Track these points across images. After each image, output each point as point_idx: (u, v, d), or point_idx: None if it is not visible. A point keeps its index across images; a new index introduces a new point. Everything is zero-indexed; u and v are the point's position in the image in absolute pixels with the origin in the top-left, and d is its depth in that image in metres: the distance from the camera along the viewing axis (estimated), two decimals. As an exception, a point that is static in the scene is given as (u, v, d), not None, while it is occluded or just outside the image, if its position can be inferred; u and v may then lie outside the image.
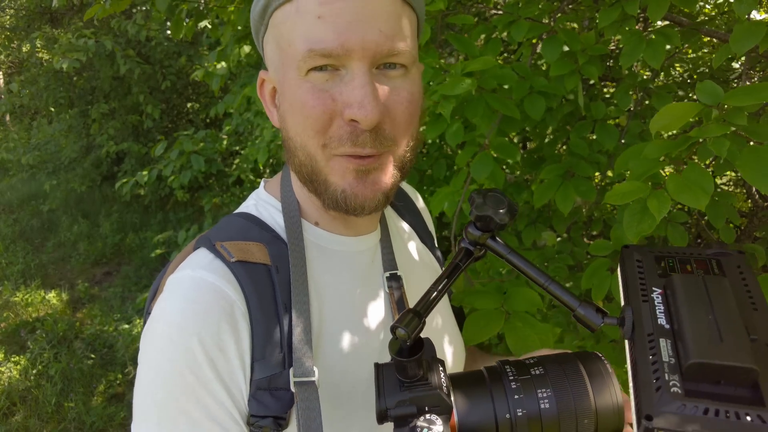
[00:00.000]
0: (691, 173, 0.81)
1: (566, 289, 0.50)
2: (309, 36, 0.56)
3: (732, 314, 0.39)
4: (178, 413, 0.55)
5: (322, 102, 0.57)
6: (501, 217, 0.51)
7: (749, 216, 2.68)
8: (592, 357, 0.50)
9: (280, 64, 0.61)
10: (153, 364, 0.57)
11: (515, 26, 1.22)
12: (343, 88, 0.57)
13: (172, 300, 0.58)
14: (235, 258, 0.60)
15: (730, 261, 0.47)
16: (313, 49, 0.55)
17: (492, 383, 0.48)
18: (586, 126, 1.45)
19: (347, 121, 0.57)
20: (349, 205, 0.61)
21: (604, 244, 1.20)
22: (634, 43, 1.14)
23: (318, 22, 0.55)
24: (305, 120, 0.58)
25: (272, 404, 0.58)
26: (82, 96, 6.24)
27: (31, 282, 4.84)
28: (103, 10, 1.91)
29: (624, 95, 1.45)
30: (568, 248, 1.97)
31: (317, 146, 0.59)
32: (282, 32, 0.59)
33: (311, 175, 0.62)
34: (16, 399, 3.25)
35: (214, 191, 4.74)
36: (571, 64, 1.23)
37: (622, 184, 0.86)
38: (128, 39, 5.41)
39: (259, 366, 0.58)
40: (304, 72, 0.57)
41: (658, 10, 1.04)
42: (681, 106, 0.82)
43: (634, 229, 0.83)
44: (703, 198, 0.77)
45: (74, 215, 6.42)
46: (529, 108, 1.21)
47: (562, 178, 1.31)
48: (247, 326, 0.59)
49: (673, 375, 0.38)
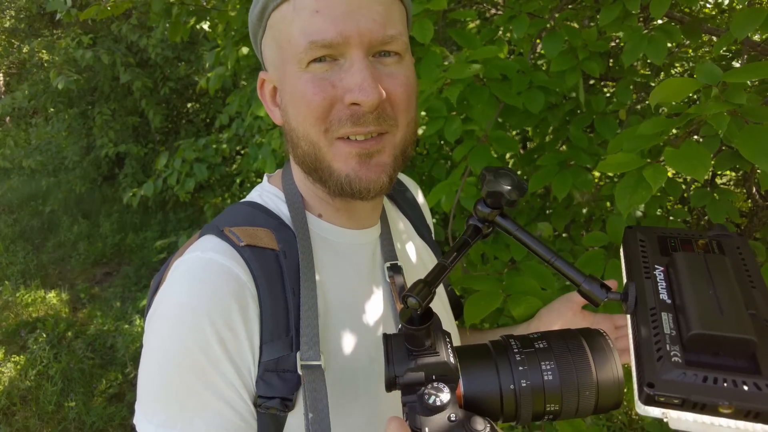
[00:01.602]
0: (688, 149, 0.81)
1: (572, 265, 0.52)
2: (308, 30, 0.59)
3: (732, 290, 0.41)
4: (187, 393, 0.55)
5: (323, 89, 0.60)
6: (510, 194, 0.52)
7: (749, 216, 2.68)
8: (595, 333, 0.51)
9: (280, 62, 0.64)
10: (161, 343, 0.57)
11: (516, 21, 1.23)
12: (343, 75, 0.60)
13: (182, 280, 0.59)
14: (244, 242, 0.61)
15: (730, 242, 0.48)
16: (314, 41, 0.58)
17: (497, 355, 0.49)
18: (586, 118, 1.46)
19: (348, 105, 0.60)
20: (354, 188, 0.63)
21: (599, 235, 1.20)
22: (636, 40, 1.15)
23: (316, 16, 0.58)
24: (306, 108, 0.61)
25: (279, 386, 0.59)
26: (83, 96, 6.24)
27: (31, 282, 4.84)
28: (101, 11, 1.91)
29: (625, 90, 1.46)
30: (568, 246, 1.97)
31: (319, 132, 0.62)
32: (281, 30, 0.62)
33: (315, 164, 0.64)
34: (16, 399, 3.25)
35: (215, 191, 4.74)
36: (572, 60, 1.24)
37: (617, 154, 0.85)
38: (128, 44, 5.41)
39: (267, 348, 0.59)
40: (305, 64, 0.60)
41: (661, 6, 1.04)
42: (681, 81, 0.82)
43: (627, 200, 0.82)
44: (701, 170, 0.77)
45: (74, 215, 6.42)
46: (528, 103, 1.21)
47: (559, 166, 1.32)
48: (256, 308, 0.59)
49: (674, 346, 0.39)
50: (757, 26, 0.95)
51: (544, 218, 2.01)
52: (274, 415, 0.59)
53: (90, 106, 6.12)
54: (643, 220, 1.66)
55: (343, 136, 0.62)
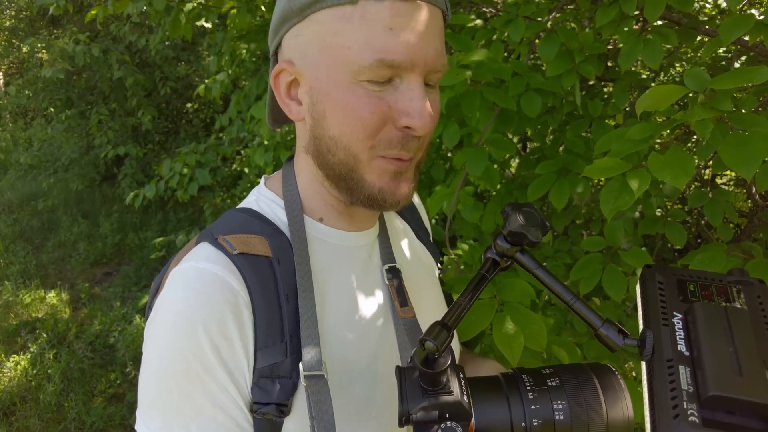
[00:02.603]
0: (673, 154, 0.81)
1: (591, 309, 0.52)
2: (378, 45, 0.57)
3: (751, 347, 0.41)
4: (183, 400, 0.56)
5: (379, 109, 0.59)
6: (535, 235, 0.52)
7: (749, 216, 2.68)
8: (606, 370, 0.51)
9: (320, 62, 0.61)
10: (158, 352, 0.58)
11: (512, 25, 1.23)
12: (398, 96, 0.59)
13: (177, 290, 0.60)
14: (238, 250, 0.62)
15: (750, 290, 0.48)
16: (383, 59, 0.57)
17: (509, 391, 0.50)
18: (583, 124, 1.46)
19: (400, 127, 0.60)
20: (387, 202, 0.65)
21: (597, 240, 1.20)
22: (632, 43, 1.15)
23: (389, 34, 0.56)
24: (358, 124, 0.60)
25: (275, 392, 0.59)
26: (82, 96, 6.25)
27: (31, 282, 4.84)
28: (104, 11, 1.92)
29: (621, 93, 1.46)
30: (567, 247, 1.98)
31: (364, 148, 0.61)
32: (335, 32, 0.59)
33: (349, 174, 0.64)
34: (16, 399, 3.25)
35: (215, 192, 4.75)
36: (569, 63, 1.24)
37: (603, 159, 0.86)
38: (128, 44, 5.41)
39: (262, 354, 0.60)
40: (362, 78, 0.58)
41: (655, 10, 1.05)
42: (667, 88, 0.83)
43: (611, 205, 0.83)
44: (683, 177, 0.78)
45: (74, 215, 6.42)
46: (525, 106, 1.21)
47: (557, 174, 1.32)
48: (250, 316, 0.60)
49: (692, 404, 0.39)
50: (745, 31, 0.96)
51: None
52: (270, 420, 0.60)
53: (89, 107, 6.12)
54: (641, 221, 1.67)
55: (388, 156, 0.62)
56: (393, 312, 0.73)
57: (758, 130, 0.76)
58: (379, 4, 0.56)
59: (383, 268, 0.75)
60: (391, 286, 0.74)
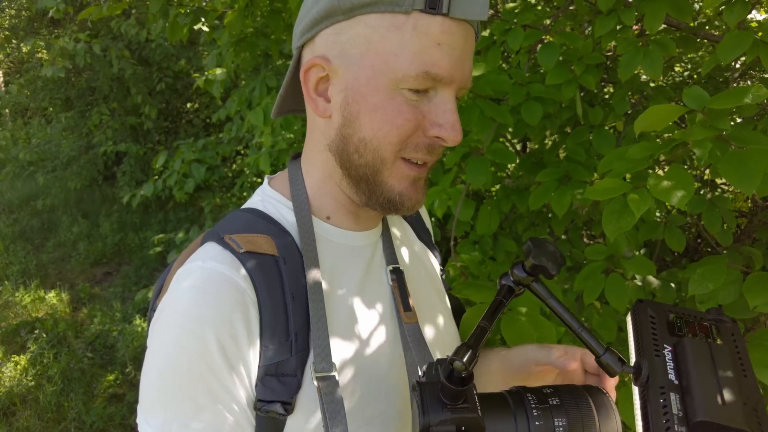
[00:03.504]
0: (673, 174, 0.82)
1: (594, 337, 0.57)
2: (426, 58, 0.60)
3: (731, 380, 0.48)
4: (184, 398, 0.57)
5: (414, 117, 0.62)
6: (552, 268, 0.57)
7: (749, 216, 2.68)
8: (598, 391, 0.58)
9: (362, 64, 0.62)
10: (163, 349, 0.59)
11: (511, 34, 1.23)
12: (432, 107, 0.63)
13: (184, 290, 0.60)
14: (244, 249, 0.63)
15: (726, 328, 0.55)
16: (428, 72, 0.60)
17: (516, 408, 0.55)
18: (584, 131, 1.46)
19: (430, 136, 0.64)
20: (405, 205, 0.68)
21: (600, 248, 1.21)
22: (631, 53, 1.15)
23: (437, 48, 0.59)
24: (394, 128, 0.63)
25: (280, 389, 0.60)
26: (82, 96, 6.24)
27: (31, 282, 4.84)
28: (98, 12, 1.92)
29: (621, 100, 1.46)
30: (567, 249, 1.98)
31: (393, 151, 0.64)
32: (384, 38, 0.60)
33: (372, 175, 0.66)
34: (16, 399, 3.26)
35: (214, 191, 4.75)
36: (568, 73, 1.24)
37: (603, 180, 0.87)
38: (128, 41, 5.41)
39: (267, 353, 0.60)
40: (403, 86, 0.61)
41: (655, 21, 1.05)
42: (666, 108, 0.84)
43: (613, 226, 0.84)
44: (683, 197, 0.79)
45: (74, 215, 6.43)
46: (526, 114, 1.21)
47: (558, 182, 1.32)
48: (256, 314, 0.61)
49: (681, 427, 0.45)
50: (744, 50, 0.96)
51: (544, 221, 2.01)
52: (273, 419, 0.61)
53: (89, 107, 6.12)
54: (642, 225, 1.67)
55: (410, 159, 0.66)
56: (396, 315, 0.74)
57: (757, 147, 0.77)
58: (431, 18, 0.59)
59: (387, 268, 0.76)
60: (395, 287, 0.75)
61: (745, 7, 1.04)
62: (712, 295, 1.00)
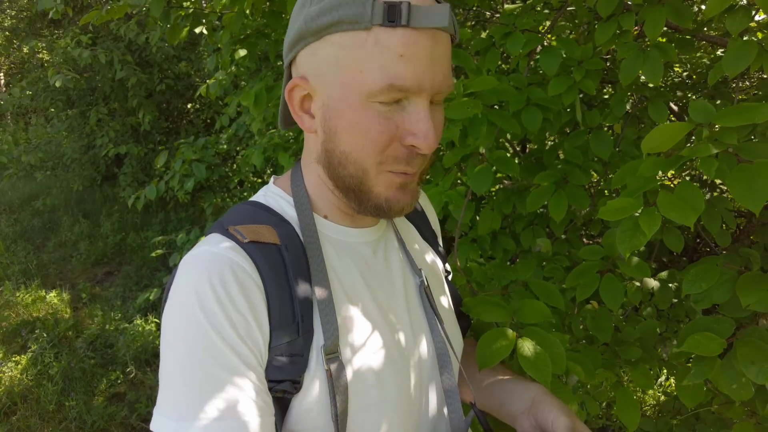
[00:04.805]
0: (682, 191, 0.82)
1: None
2: (389, 71, 0.60)
3: None
4: (205, 376, 0.58)
5: (387, 128, 0.63)
6: None
7: (748, 216, 2.68)
8: None
9: (336, 81, 0.64)
10: (177, 330, 0.60)
11: (511, 39, 1.23)
12: (406, 117, 0.64)
13: (192, 271, 0.62)
14: (248, 239, 0.65)
15: None
16: (393, 84, 0.61)
17: None
18: (582, 134, 1.46)
19: (406, 145, 0.65)
20: (392, 209, 0.69)
21: (595, 249, 1.21)
22: (632, 58, 1.16)
23: (400, 60, 0.60)
24: (369, 142, 0.64)
25: (289, 369, 0.63)
26: (83, 96, 6.25)
27: (32, 282, 4.85)
28: (99, 16, 1.92)
29: (619, 102, 1.46)
30: (565, 249, 1.98)
31: (373, 163, 0.65)
32: (351, 55, 0.62)
33: (358, 186, 0.68)
34: (17, 398, 3.27)
35: (215, 191, 4.76)
36: (569, 80, 1.25)
37: (616, 200, 0.87)
38: (129, 42, 5.42)
39: (276, 333, 0.63)
40: (375, 100, 0.62)
41: (655, 27, 1.06)
42: (672, 127, 0.83)
43: (626, 244, 0.84)
44: (691, 215, 0.79)
45: (75, 215, 6.43)
46: (526, 121, 1.22)
47: (556, 185, 1.33)
48: (263, 297, 0.63)
49: None
50: (749, 62, 0.96)
51: (542, 222, 2.01)
52: (280, 398, 0.63)
53: (89, 107, 6.12)
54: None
55: (394, 172, 0.67)
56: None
57: (765, 162, 0.76)
58: (391, 31, 0.60)
59: (416, 280, 0.81)
60: (426, 290, 0.80)
61: (748, 14, 1.04)
62: (706, 294, 1.01)
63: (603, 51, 1.32)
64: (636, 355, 1.25)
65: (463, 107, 1.08)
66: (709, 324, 0.97)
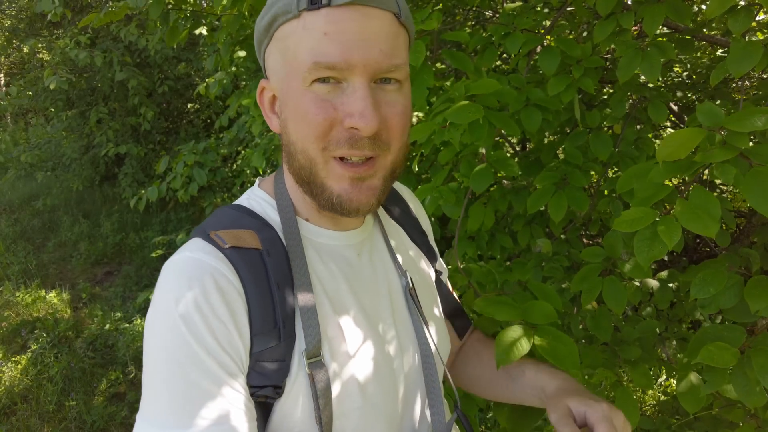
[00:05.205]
0: (697, 198, 0.81)
1: None
2: (315, 50, 0.61)
3: None
4: (188, 385, 0.58)
5: (324, 110, 0.62)
6: None
7: (748, 216, 2.68)
8: None
9: (284, 74, 0.66)
10: (159, 340, 0.60)
11: (510, 38, 1.23)
12: (345, 98, 0.62)
13: (171, 277, 0.62)
14: (229, 244, 0.65)
15: None
16: (318, 62, 0.61)
17: None
18: (581, 134, 1.46)
19: (347, 128, 0.63)
20: (345, 208, 0.67)
21: (596, 251, 1.21)
22: (630, 56, 1.16)
23: (324, 38, 0.60)
24: (308, 126, 0.63)
25: (271, 374, 0.62)
26: (82, 97, 6.25)
27: (32, 282, 4.85)
28: (98, 19, 1.92)
29: (619, 102, 1.46)
30: (565, 248, 1.98)
31: (317, 150, 0.64)
32: (288, 45, 0.64)
33: (310, 177, 0.67)
34: (17, 398, 3.27)
35: (215, 191, 4.76)
36: (568, 79, 1.25)
37: (630, 210, 0.85)
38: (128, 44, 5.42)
39: (257, 339, 0.63)
40: (308, 83, 0.62)
41: (653, 24, 1.06)
42: (685, 133, 0.82)
43: (645, 255, 0.83)
44: (712, 225, 0.77)
45: (75, 215, 6.43)
46: (525, 121, 1.22)
47: (556, 186, 1.33)
48: (243, 303, 0.63)
49: None
50: (754, 63, 0.95)
51: (541, 221, 2.01)
52: (263, 402, 0.63)
53: (89, 107, 6.12)
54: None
55: (339, 156, 0.65)
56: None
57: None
58: (315, 13, 0.61)
59: (401, 281, 0.80)
60: (411, 292, 0.79)
61: (750, 14, 1.03)
62: (713, 299, 0.99)
63: (602, 50, 1.32)
64: (636, 354, 1.25)
65: (464, 111, 1.07)
66: (719, 332, 0.96)
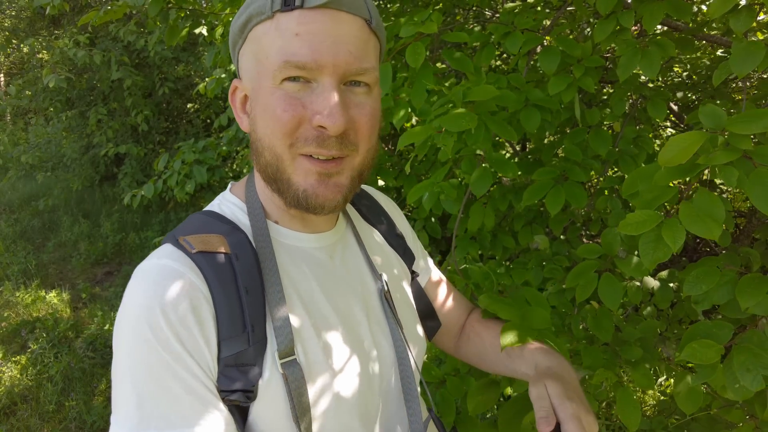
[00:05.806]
0: (701, 201, 0.81)
1: None
2: (286, 49, 0.63)
3: None
4: (158, 389, 0.58)
5: (293, 107, 0.64)
6: None
7: (748, 216, 2.68)
8: None
9: (255, 73, 0.67)
10: (126, 346, 0.60)
11: (510, 38, 1.23)
12: (314, 98, 0.64)
13: (138, 283, 0.63)
14: (196, 249, 0.65)
15: None
16: (288, 61, 0.62)
17: None
18: (581, 132, 1.46)
19: (315, 126, 0.64)
20: (310, 204, 0.67)
21: (593, 247, 1.21)
22: (630, 54, 1.16)
23: (295, 39, 0.62)
24: (276, 123, 0.65)
25: (241, 378, 0.63)
26: (82, 97, 6.25)
27: (32, 282, 4.85)
28: (98, 17, 1.92)
29: (618, 101, 1.46)
30: (565, 249, 1.98)
31: (284, 146, 0.65)
32: (261, 46, 0.66)
33: (276, 174, 0.68)
34: (17, 398, 3.27)
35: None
36: (568, 78, 1.24)
37: (635, 213, 0.86)
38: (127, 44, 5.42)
39: (225, 345, 0.63)
40: (279, 81, 0.64)
41: (653, 20, 1.05)
42: (687, 137, 0.82)
43: (650, 257, 0.83)
44: (715, 228, 0.77)
45: (75, 215, 6.44)
46: (525, 121, 1.22)
47: (554, 181, 1.32)
48: (210, 309, 0.63)
49: None
50: (757, 63, 0.95)
51: (541, 220, 2.01)
52: (237, 405, 0.64)
53: (89, 107, 6.12)
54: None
55: (307, 154, 0.66)
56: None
57: None
58: (288, 15, 0.63)
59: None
60: (387, 294, 0.79)
61: (752, 13, 1.03)
62: (707, 296, 1.00)
63: (602, 49, 1.32)
64: (637, 355, 1.25)
65: (458, 120, 1.07)
66: (709, 329, 0.97)
